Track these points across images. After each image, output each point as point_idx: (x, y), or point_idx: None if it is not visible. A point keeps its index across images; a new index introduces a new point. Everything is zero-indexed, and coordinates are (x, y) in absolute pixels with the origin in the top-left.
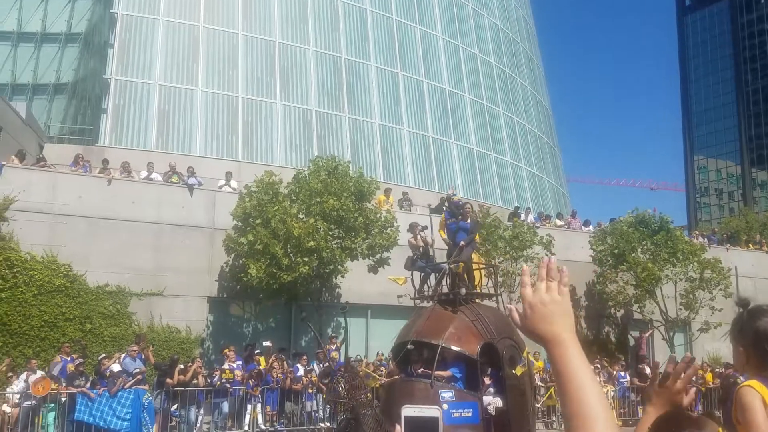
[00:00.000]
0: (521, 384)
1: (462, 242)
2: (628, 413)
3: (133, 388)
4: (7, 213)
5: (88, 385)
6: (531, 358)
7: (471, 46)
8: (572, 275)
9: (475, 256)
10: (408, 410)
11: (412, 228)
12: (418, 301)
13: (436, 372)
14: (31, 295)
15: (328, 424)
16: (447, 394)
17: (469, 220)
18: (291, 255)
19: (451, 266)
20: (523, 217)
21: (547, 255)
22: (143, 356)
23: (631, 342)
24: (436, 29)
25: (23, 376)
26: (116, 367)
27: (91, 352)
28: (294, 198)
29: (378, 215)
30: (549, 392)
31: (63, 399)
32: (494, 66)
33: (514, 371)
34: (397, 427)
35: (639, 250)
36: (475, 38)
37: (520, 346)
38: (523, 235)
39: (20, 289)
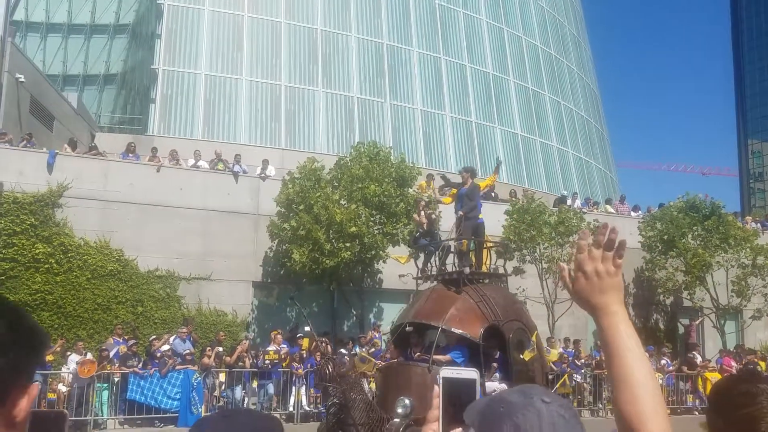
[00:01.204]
0: (530, 370)
1: (460, 212)
2: (676, 401)
3: (183, 368)
4: (61, 200)
5: (140, 365)
6: (547, 346)
7: (516, 29)
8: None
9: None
10: (446, 371)
11: (416, 204)
12: (420, 282)
13: (435, 356)
14: (84, 279)
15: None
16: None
17: (467, 186)
18: (333, 240)
19: (455, 244)
20: (569, 203)
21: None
22: (192, 338)
23: (681, 330)
24: (480, 12)
25: (72, 357)
26: (166, 348)
27: (143, 333)
28: (336, 184)
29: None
30: (563, 379)
31: (116, 379)
32: (540, 49)
33: (521, 356)
34: (435, 388)
35: (689, 235)
36: (520, 21)
37: (530, 329)
38: (570, 220)
39: (74, 273)
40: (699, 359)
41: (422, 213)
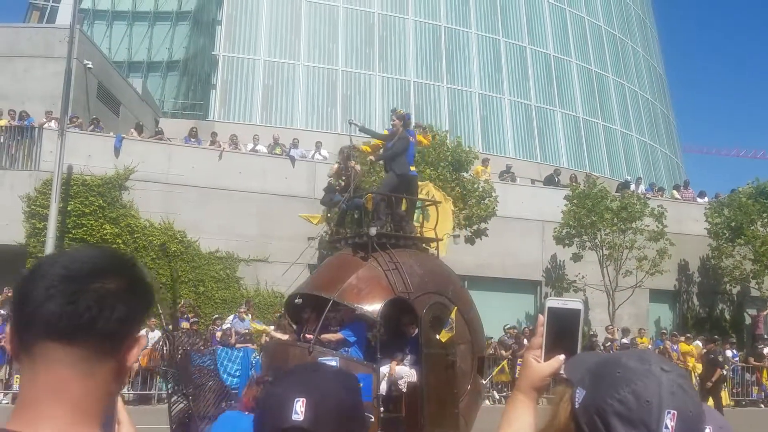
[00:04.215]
0: (449, 353)
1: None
2: (741, 393)
3: (243, 347)
4: (127, 182)
5: (201, 343)
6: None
7: (579, 10)
8: (685, 249)
9: (431, 188)
10: (552, 302)
11: (341, 151)
12: (333, 246)
13: (323, 335)
14: (149, 259)
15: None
16: (329, 363)
17: (398, 134)
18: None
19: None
20: (633, 188)
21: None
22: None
23: (748, 320)
24: None
25: (142, 332)
26: (227, 327)
27: (204, 313)
28: None
29: (476, 185)
30: (501, 365)
31: (178, 356)
32: (603, 29)
33: (438, 336)
34: (540, 317)
35: (758, 222)
36: (583, 1)
37: (462, 305)
38: (633, 206)
39: (140, 254)
40: (766, 351)
41: (350, 164)
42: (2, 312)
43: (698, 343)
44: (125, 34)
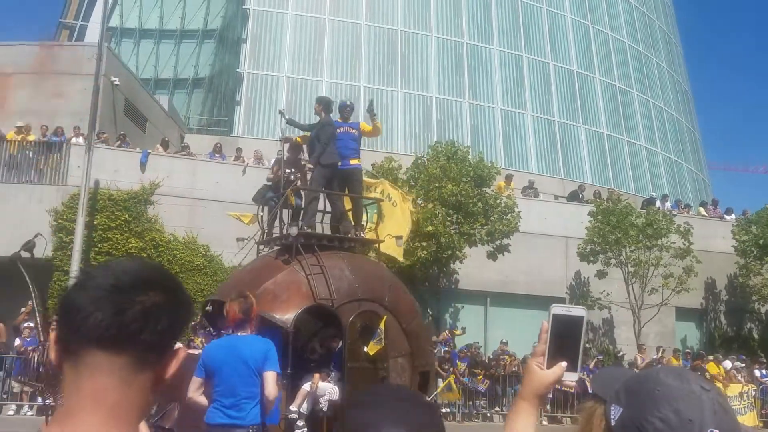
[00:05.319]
0: (380, 368)
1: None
2: None
3: None
4: (153, 197)
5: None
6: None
7: (602, 26)
8: (712, 267)
9: (387, 186)
10: (556, 308)
11: (286, 142)
12: (263, 248)
13: None
14: (173, 273)
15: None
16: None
17: (321, 122)
18: (409, 240)
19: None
20: (658, 204)
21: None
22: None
23: None
24: (564, 9)
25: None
26: None
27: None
28: (413, 183)
29: (498, 201)
30: (448, 381)
31: None
32: (627, 45)
33: (365, 349)
34: (544, 323)
35: None
36: (607, 17)
37: (400, 315)
38: (658, 222)
39: (165, 267)
40: None
41: (299, 159)
42: (31, 324)
43: (728, 363)
44: (152, 51)
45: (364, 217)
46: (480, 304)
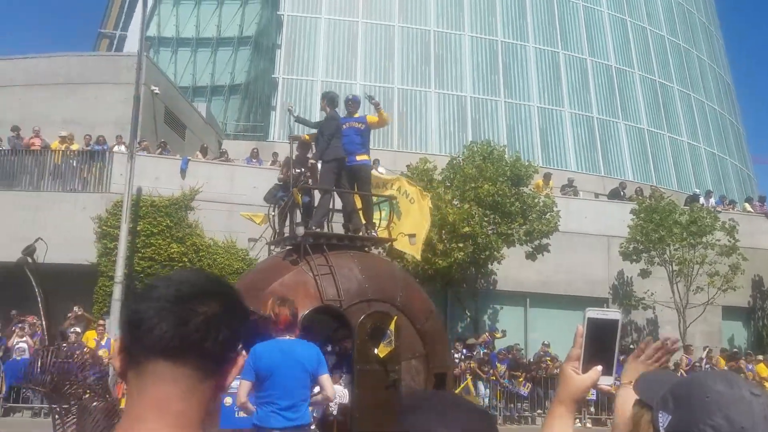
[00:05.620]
0: (392, 371)
1: (311, 159)
2: None
3: None
4: (193, 203)
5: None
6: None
7: (640, 20)
8: (759, 264)
9: (404, 183)
10: (591, 312)
11: (293, 140)
12: (273, 248)
13: None
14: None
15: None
16: (234, 383)
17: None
18: (446, 241)
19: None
20: (702, 201)
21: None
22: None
23: None
24: (601, 4)
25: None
26: None
27: None
28: (448, 184)
29: (536, 200)
30: (465, 384)
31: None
32: (667, 39)
33: (376, 351)
34: (579, 327)
35: None
36: (645, 11)
37: (413, 316)
38: (703, 220)
39: (222, 278)
40: None
41: (308, 158)
42: (77, 329)
43: None
44: (189, 60)
45: (380, 215)
46: (519, 306)
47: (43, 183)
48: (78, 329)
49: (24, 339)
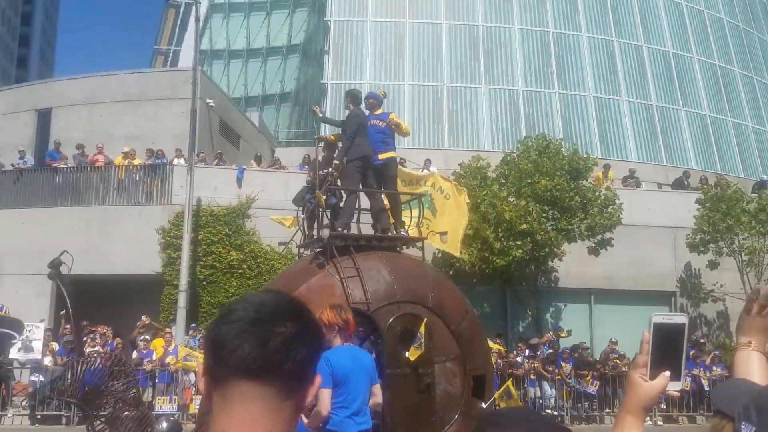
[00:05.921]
0: (426, 374)
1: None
2: None
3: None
4: (249, 211)
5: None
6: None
7: (696, 3)
8: None
9: (438, 179)
10: (657, 317)
11: (316, 141)
12: (303, 251)
13: None
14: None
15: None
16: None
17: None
18: (503, 239)
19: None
20: None
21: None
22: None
23: None
24: None
25: None
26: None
27: None
28: (503, 181)
29: (597, 193)
30: (506, 385)
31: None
32: (726, 21)
33: (406, 354)
34: (645, 334)
35: None
36: None
37: (448, 317)
38: None
39: (264, 278)
40: None
41: (329, 154)
42: (146, 337)
43: None
44: (241, 70)
45: (415, 213)
46: (584, 302)
47: (108, 197)
48: (147, 337)
49: (95, 348)
